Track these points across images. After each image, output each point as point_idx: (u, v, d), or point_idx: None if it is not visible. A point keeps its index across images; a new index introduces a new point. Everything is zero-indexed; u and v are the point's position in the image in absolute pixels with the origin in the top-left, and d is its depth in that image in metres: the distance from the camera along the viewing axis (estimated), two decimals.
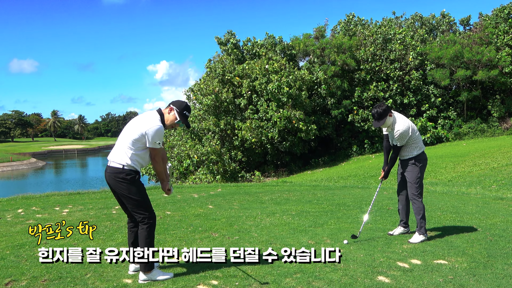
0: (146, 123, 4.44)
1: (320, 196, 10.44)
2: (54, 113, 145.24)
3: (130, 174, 4.45)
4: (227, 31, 33.22)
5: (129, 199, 4.49)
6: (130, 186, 4.44)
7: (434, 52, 29.49)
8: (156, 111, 4.60)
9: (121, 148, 4.49)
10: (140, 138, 4.41)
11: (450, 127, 30.34)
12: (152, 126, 4.41)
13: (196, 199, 10.04)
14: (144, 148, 4.48)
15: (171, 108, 4.60)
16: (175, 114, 4.59)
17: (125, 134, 4.52)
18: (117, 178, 4.45)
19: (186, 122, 4.66)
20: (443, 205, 9.10)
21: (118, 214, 7.97)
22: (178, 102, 4.66)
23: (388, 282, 4.46)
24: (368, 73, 30.73)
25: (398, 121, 5.98)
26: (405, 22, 36.16)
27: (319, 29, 34.20)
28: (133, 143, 4.43)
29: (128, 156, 4.43)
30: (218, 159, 24.89)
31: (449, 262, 5.09)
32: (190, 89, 31.26)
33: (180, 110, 4.59)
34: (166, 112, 4.60)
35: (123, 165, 4.43)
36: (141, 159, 4.51)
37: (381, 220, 7.43)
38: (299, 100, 27.61)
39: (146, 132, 4.39)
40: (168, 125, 4.61)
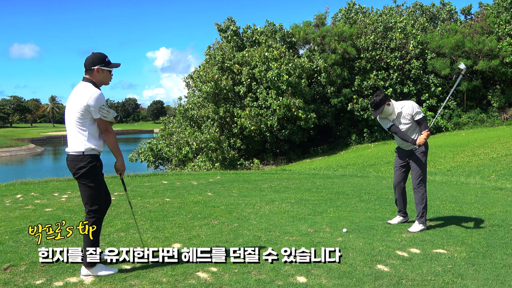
0: (83, 95, 4.15)
1: (319, 185, 10.44)
2: (53, 99, 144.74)
3: (92, 162, 4.23)
4: (227, 18, 32.99)
5: (84, 187, 4.27)
6: (88, 174, 4.22)
7: (435, 41, 29.32)
8: (85, 81, 4.28)
9: (73, 133, 4.23)
10: (84, 113, 4.14)
11: (449, 117, 30.30)
12: (90, 94, 4.13)
13: (195, 186, 10.03)
14: (93, 123, 4.22)
15: (96, 69, 4.25)
16: (102, 69, 4.29)
17: (69, 118, 4.24)
18: (77, 166, 4.22)
19: (114, 65, 4.40)
20: (442, 194, 9.11)
21: (117, 200, 7.96)
22: (95, 58, 4.29)
23: (387, 271, 4.46)
24: (369, 61, 30.59)
25: (399, 103, 5.93)
26: (406, 10, 35.92)
27: (320, 17, 33.97)
28: (81, 123, 4.18)
29: (85, 139, 4.19)
30: (217, 146, 24.86)
31: (448, 251, 5.10)
32: (190, 76, 31.13)
33: (105, 63, 4.30)
34: (95, 76, 4.28)
35: (83, 152, 4.20)
36: (96, 137, 4.25)
37: (380, 209, 7.43)
38: (298, 88, 27.51)
39: (88, 104, 4.10)
40: (105, 83, 4.36)
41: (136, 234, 5.64)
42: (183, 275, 4.27)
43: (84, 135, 4.20)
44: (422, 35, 31.02)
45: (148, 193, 8.89)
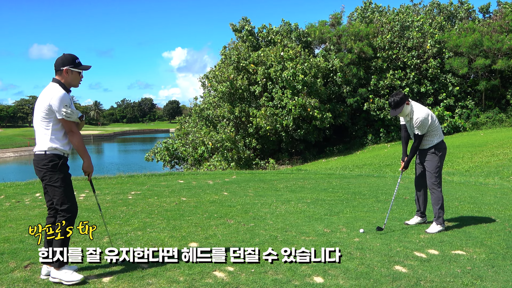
0: (47, 95, 4.14)
1: (335, 185, 10.39)
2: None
3: (53, 160, 4.16)
4: (242, 18, 33.05)
5: (50, 188, 4.19)
6: (52, 173, 4.16)
7: (453, 40, 28.98)
8: (53, 81, 4.26)
9: (38, 133, 4.21)
10: (48, 113, 4.12)
11: (467, 117, 29.90)
12: (53, 95, 4.11)
13: (211, 185, 10.06)
14: (58, 123, 4.17)
15: (65, 70, 4.22)
16: (72, 70, 4.25)
17: (35, 118, 4.22)
18: (39, 165, 4.18)
19: (83, 67, 4.36)
20: (461, 195, 9.00)
21: (134, 200, 8.03)
22: (65, 59, 4.27)
23: (405, 272, 4.42)
24: (385, 61, 30.36)
25: (416, 109, 5.90)
26: (423, 9, 35.59)
27: (335, 16, 33.82)
28: (45, 123, 4.15)
29: (48, 139, 4.15)
30: (232, 146, 24.89)
31: (467, 252, 5.04)
32: (205, 76, 31.24)
33: (74, 65, 4.27)
34: (64, 76, 4.25)
35: (45, 151, 4.16)
36: (60, 137, 4.19)
37: (398, 209, 7.37)
38: (314, 88, 27.41)
39: (50, 104, 4.09)
40: (74, 85, 4.33)
41: (153, 233, 5.68)
42: (200, 274, 4.29)
43: (48, 135, 4.16)
44: (440, 34, 30.70)
45: (165, 192, 8.95)
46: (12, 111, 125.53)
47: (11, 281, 4.08)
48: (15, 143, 72.29)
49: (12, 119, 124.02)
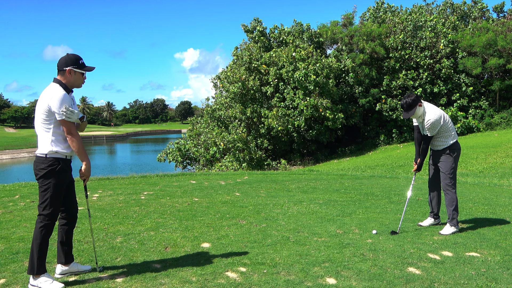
0: (46, 96, 4.06)
1: (347, 185, 10.35)
2: (83, 100, 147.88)
3: (53, 165, 4.05)
4: (254, 19, 33.05)
5: (40, 189, 4.09)
6: (46, 177, 4.05)
7: (466, 40, 28.70)
8: (54, 82, 4.17)
9: (40, 135, 4.12)
10: (48, 114, 4.03)
11: (481, 117, 29.58)
12: (52, 95, 4.02)
13: (223, 186, 10.08)
14: (59, 125, 4.08)
15: (68, 70, 4.14)
16: (75, 70, 4.17)
17: (36, 120, 4.13)
18: (37, 168, 4.08)
19: (87, 68, 4.28)
20: (475, 196, 8.91)
21: (147, 200, 8.07)
22: (68, 60, 4.18)
23: (419, 274, 4.39)
24: (398, 61, 30.17)
25: (428, 110, 5.85)
26: (436, 9, 35.30)
27: (347, 16, 33.70)
28: (46, 125, 4.06)
29: (49, 142, 4.06)
30: (244, 146, 24.91)
31: (482, 254, 4.98)
32: (217, 77, 31.31)
33: (78, 65, 4.19)
34: (66, 77, 4.17)
35: (46, 154, 4.06)
36: (61, 140, 4.11)
37: (411, 210, 7.31)
38: (326, 88, 27.34)
39: (49, 105, 4.00)
40: (76, 86, 4.26)
41: (166, 233, 5.71)
42: (212, 275, 4.30)
43: (49, 138, 4.08)
44: (453, 33, 30.42)
45: (177, 192, 8.98)
46: (27, 112, 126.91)
47: (26, 280, 4.13)
48: (29, 143, 73.11)
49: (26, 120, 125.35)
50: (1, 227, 6.07)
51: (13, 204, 7.83)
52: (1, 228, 6.04)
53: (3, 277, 4.24)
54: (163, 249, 5.09)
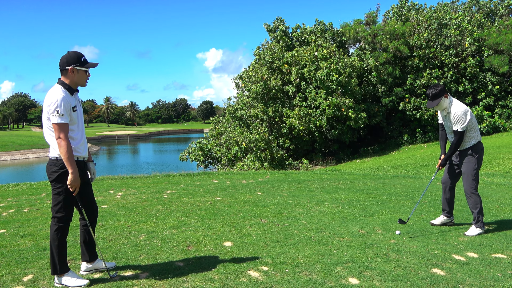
0: (48, 98, 3.96)
1: (370, 186, 10.26)
2: (107, 100, 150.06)
3: (64, 167, 3.99)
4: (276, 18, 33.00)
5: (53, 192, 4.07)
6: (58, 180, 4.02)
7: (492, 38, 28.12)
8: (57, 83, 4.07)
9: (47, 138, 4.07)
10: None
11: (508, 116, 28.94)
12: (52, 98, 3.92)
13: (245, 185, 10.10)
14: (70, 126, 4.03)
15: (70, 69, 4.02)
16: (77, 68, 4.05)
17: (43, 123, 4.06)
18: (50, 171, 4.05)
19: (90, 64, 4.15)
20: (501, 197, 8.73)
21: (170, 198, 8.15)
22: (70, 58, 4.05)
23: (444, 275, 4.32)
24: (422, 60, 29.74)
25: (455, 104, 5.75)
26: (461, 6, 34.67)
27: (371, 15, 33.36)
28: (51, 126, 3.98)
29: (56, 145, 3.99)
30: (266, 146, 24.91)
31: (508, 256, 4.88)
32: (239, 76, 31.39)
33: (80, 63, 4.06)
34: (69, 76, 4.04)
35: (56, 157, 4.02)
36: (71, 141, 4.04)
37: (435, 211, 7.21)
38: (348, 88, 27.14)
39: (49, 109, 3.91)
40: (81, 84, 4.14)
41: (188, 232, 5.75)
42: (234, 273, 4.32)
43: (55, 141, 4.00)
44: (479, 31, 29.83)
45: (199, 191, 9.04)
46: None
47: (52, 277, 4.20)
48: None
49: None
50: (28, 224, 6.20)
51: (40, 202, 8.01)
52: (28, 225, 6.17)
53: (30, 273, 4.34)
54: (185, 248, 5.13)
